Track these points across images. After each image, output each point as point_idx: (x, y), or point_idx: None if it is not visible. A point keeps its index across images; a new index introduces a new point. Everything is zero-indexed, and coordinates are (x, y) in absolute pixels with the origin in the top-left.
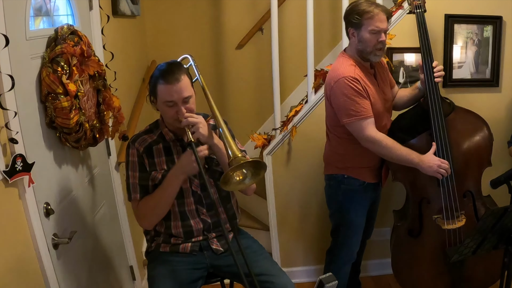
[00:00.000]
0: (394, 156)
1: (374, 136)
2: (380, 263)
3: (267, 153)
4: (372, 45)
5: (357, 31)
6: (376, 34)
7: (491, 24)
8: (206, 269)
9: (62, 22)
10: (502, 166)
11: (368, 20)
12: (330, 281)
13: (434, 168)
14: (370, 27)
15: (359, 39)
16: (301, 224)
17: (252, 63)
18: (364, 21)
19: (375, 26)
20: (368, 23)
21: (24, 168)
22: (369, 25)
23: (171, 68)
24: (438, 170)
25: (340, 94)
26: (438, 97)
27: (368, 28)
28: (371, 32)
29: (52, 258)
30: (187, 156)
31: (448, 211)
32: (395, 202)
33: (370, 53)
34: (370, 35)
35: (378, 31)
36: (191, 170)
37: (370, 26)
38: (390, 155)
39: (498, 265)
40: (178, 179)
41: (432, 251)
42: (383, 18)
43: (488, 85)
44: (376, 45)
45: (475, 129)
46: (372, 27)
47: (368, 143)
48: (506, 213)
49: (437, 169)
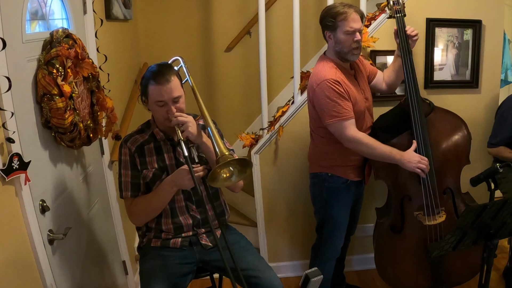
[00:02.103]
0: (376, 154)
1: (355, 136)
2: (363, 258)
3: (255, 152)
4: (348, 45)
5: (333, 33)
6: (351, 34)
7: (471, 28)
8: (196, 263)
9: (57, 25)
10: (480, 164)
11: (342, 21)
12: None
13: (414, 164)
14: (344, 28)
15: (335, 41)
16: (287, 220)
17: (240, 65)
18: (338, 23)
19: (349, 27)
20: (342, 25)
21: (21, 167)
22: (343, 26)
23: (162, 69)
24: (418, 166)
25: (322, 96)
26: (418, 98)
27: (343, 30)
28: (346, 33)
29: (48, 253)
30: (183, 173)
31: (428, 207)
32: (378, 200)
33: (348, 53)
34: (346, 36)
35: (353, 31)
36: (186, 186)
37: (344, 27)
38: (372, 153)
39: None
40: (171, 190)
41: (413, 246)
42: (356, 18)
43: (468, 87)
44: (352, 44)
45: (454, 129)
46: (347, 28)
47: (350, 143)
48: (485, 210)
49: (416, 165)
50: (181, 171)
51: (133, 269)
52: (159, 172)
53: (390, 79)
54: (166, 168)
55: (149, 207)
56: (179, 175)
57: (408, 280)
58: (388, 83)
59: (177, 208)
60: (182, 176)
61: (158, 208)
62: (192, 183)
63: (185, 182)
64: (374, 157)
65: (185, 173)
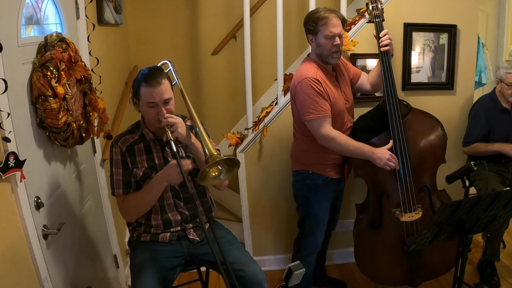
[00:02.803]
0: (349, 151)
1: (329, 134)
2: (344, 252)
3: (240, 151)
4: (328, 49)
5: (314, 37)
6: (330, 38)
7: (446, 32)
8: (184, 257)
9: (51, 30)
10: (455, 163)
11: (323, 26)
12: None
13: (384, 160)
14: (324, 32)
15: (316, 44)
16: (271, 216)
17: (226, 68)
18: (319, 27)
19: (329, 31)
20: (323, 29)
21: (17, 165)
22: (324, 31)
23: (153, 72)
24: (387, 163)
25: (302, 93)
26: (395, 99)
27: (323, 34)
28: (326, 37)
29: (42, 248)
30: (172, 167)
31: (406, 204)
32: (358, 196)
33: (328, 56)
34: (326, 40)
35: (332, 36)
36: (175, 180)
37: (324, 31)
38: (345, 150)
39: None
40: (161, 185)
41: (391, 241)
42: (336, 23)
43: (444, 88)
44: (331, 48)
45: (430, 129)
46: (327, 33)
47: (324, 140)
48: (460, 206)
49: (386, 162)
50: (170, 166)
51: (123, 262)
52: (149, 171)
53: (375, 80)
54: (155, 167)
55: (140, 203)
56: (168, 170)
57: (386, 273)
58: (373, 84)
59: (166, 205)
60: (171, 171)
61: (149, 204)
62: (181, 177)
63: (174, 176)
64: (347, 153)
65: (174, 167)
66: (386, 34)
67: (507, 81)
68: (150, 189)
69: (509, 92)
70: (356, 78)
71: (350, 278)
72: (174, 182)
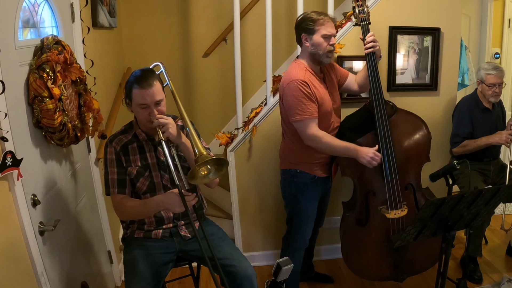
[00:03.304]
0: (334, 150)
1: (315, 134)
2: (331, 248)
3: (230, 150)
4: (324, 48)
5: (310, 36)
6: (327, 38)
7: (430, 35)
8: (176, 253)
9: (48, 33)
10: (439, 161)
11: (321, 26)
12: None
13: (367, 158)
14: (322, 32)
15: (311, 44)
16: (260, 213)
17: (216, 69)
18: (317, 27)
19: (327, 31)
20: (320, 29)
21: (14, 164)
22: (321, 30)
23: (145, 74)
24: (370, 161)
25: (290, 95)
26: (382, 100)
27: (321, 33)
28: (323, 37)
29: (39, 244)
30: (174, 197)
31: (391, 202)
32: (344, 194)
33: (322, 55)
34: (323, 39)
35: (330, 35)
36: (173, 210)
37: (322, 31)
38: (330, 149)
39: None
40: (158, 208)
41: (377, 237)
42: (332, 25)
43: (428, 90)
44: (327, 47)
45: (415, 129)
46: (325, 32)
47: (309, 141)
48: (444, 203)
49: (369, 160)
50: (173, 197)
51: (117, 258)
52: (142, 170)
53: (362, 80)
54: (148, 166)
55: (135, 214)
56: (170, 200)
57: (372, 269)
58: (360, 84)
59: None
60: (172, 202)
61: (143, 217)
62: (182, 209)
63: (175, 208)
64: (333, 153)
65: (177, 199)
66: (372, 36)
67: (488, 82)
68: (147, 208)
69: (489, 93)
70: (343, 79)
71: (337, 273)
72: (172, 211)
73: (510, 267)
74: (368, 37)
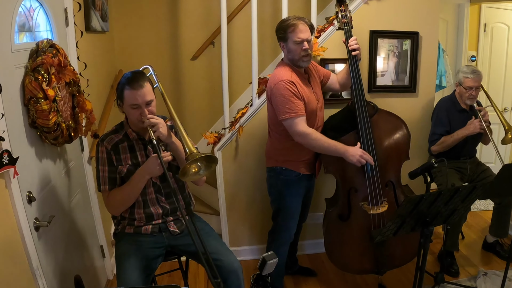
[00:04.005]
0: (323, 148)
1: (305, 131)
2: (314, 243)
3: (218, 149)
4: (298, 53)
5: (285, 43)
6: (299, 44)
7: (409, 39)
8: (165, 248)
9: (42, 37)
10: (418, 160)
11: (291, 33)
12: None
13: (357, 157)
14: (293, 38)
15: (288, 50)
16: (246, 209)
17: (204, 72)
18: (288, 34)
19: (297, 37)
20: (291, 36)
21: (10, 162)
22: (292, 37)
23: (136, 76)
24: (359, 159)
25: (278, 95)
26: (363, 101)
27: (292, 40)
28: (295, 43)
29: (34, 239)
30: (153, 160)
31: (372, 198)
32: (327, 191)
33: (298, 60)
34: (295, 45)
35: (301, 41)
36: (156, 172)
37: (293, 37)
38: (319, 146)
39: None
40: (143, 178)
41: (359, 232)
42: (304, 29)
43: (407, 91)
44: (301, 52)
45: (395, 128)
46: (295, 38)
47: (299, 138)
48: (422, 200)
49: (359, 158)
50: (151, 159)
51: (109, 252)
52: (132, 168)
53: (343, 80)
54: (138, 164)
55: (124, 196)
56: (149, 163)
57: (354, 263)
58: (341, 83)
59: (148, 200)
60: (152, 164)
61: (133, 197)
62: (161, 169)
63: (155, 169)
64: (322, 150)
65: (155, 160)
66: (355, 40)
67: (465, 85)
68: (133, 183)
69: (466, 95)
70: (326, 78)
71: (320, 267)
72: (155, 174)
73: (485, 261)
74: (351, 41)
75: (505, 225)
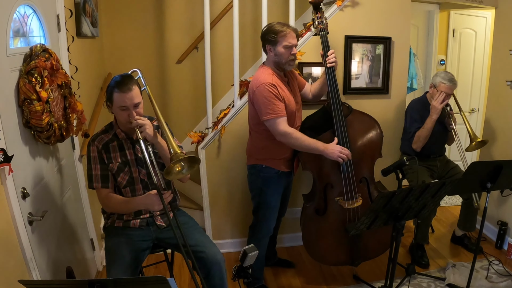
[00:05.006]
0: (304, 146)
1: (286, 131)
2: (292, 236)
3: (201, 148)
4: (286, 57)
5: (273, 47)
6: (289, 48)
7: (382, 44)
8: (152, 241)
9: (36, 41)
10: (390, 158)
11: (282, 37)
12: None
13: (336, 153)
14: (284, 43)
15: (275, 53)
16: (228, 205)
17: (189, 75)
18: (279, 38)
19: (288, 42)
20: (282, 40)
21: (5, 160)
22: (283, 41)
23: (124, 79)
24: (339, 155)
25: (261, 96)
26: (339, 102)
27: (282, 44)
28: (285, 47)
29: (28, 233)
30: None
31: (348, 193)
32: (305, 187)
33: (285, 63)
34: (285, 49)
35: (291, 46)
36: (155, 210)
37: (284, 42)
38: (300, 145)
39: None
40: (140, 207)
41: (334, 226)
42: (294, 36)
43: (380, 93)
44: (289, 57)
45: (369, 127)
46: (286, 43)
47: (281, 137)
48: (394, 196)
49: (338, 154)
50: (152, 198)
51: (99, 245)
52: (122, 166)
53: (316, 91)
54: (128, 162)
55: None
56: (150, 201)
57: (330, 255)
58: (314, 94)
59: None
60: (152, 202)
61: (125, 213)
62: (161, 207)
63: (155, 207)
64: (302, 148)
65: (155, 199)
66: (333, 53)
67: (440, 90)
68: (129, 207)
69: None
70: (301, 87)
71: (298, 259)
72: (152, 210)
73: (454, 254)
74: (329, 54)
75: (472, 220)
